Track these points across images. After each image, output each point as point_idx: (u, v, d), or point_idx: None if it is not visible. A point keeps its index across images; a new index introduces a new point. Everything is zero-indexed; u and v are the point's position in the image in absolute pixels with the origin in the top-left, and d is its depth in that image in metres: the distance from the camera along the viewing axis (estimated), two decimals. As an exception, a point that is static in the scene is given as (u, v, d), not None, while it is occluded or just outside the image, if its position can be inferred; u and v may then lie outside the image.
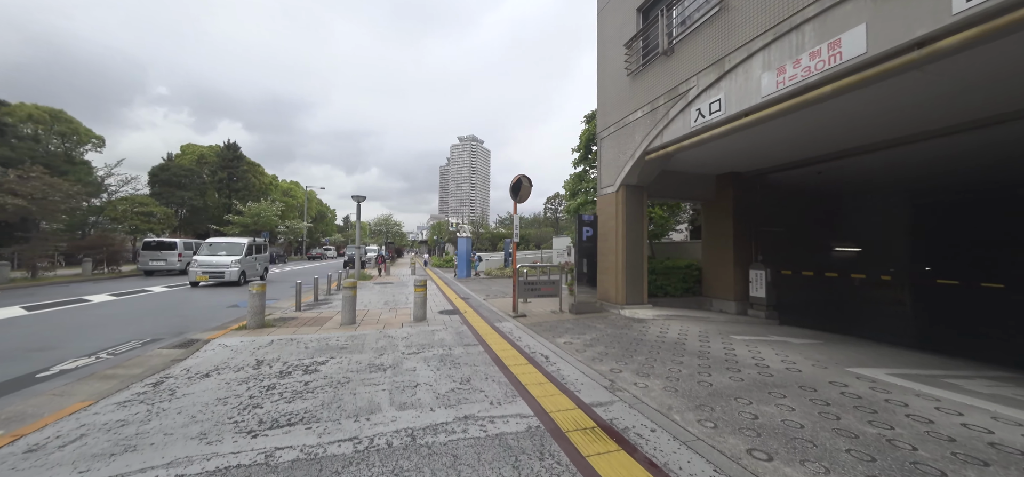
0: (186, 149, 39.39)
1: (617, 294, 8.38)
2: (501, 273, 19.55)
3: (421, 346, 5.33)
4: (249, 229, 34.42)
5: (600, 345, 5.50)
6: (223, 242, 14.82)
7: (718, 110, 5.58)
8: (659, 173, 8.45)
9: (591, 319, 7.57)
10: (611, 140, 8.91)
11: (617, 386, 3.84)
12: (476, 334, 6.16)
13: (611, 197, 8.73)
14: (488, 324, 7.02)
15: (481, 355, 4.95)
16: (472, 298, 10.69)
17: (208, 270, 13.11)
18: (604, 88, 9.32)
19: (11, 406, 3.37)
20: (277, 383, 3.82)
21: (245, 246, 14.47)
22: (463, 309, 8.65)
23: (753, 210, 9.19)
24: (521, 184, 8.78)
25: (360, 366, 4.41)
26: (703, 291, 9.84)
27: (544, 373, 4.24)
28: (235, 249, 14.23)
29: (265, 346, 5.23)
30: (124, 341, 5.74)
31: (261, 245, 16.79)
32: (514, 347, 5.39)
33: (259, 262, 15.99)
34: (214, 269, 13.19)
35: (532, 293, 8.39)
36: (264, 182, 44.71)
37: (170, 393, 3.58)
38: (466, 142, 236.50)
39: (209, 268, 13.17)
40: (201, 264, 13.22)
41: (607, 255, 8.73)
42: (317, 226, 58.43)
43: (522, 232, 40.00)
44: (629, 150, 8.10)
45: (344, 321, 6.71)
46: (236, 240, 14.87)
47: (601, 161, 9.42)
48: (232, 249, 14.23)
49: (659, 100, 7.05)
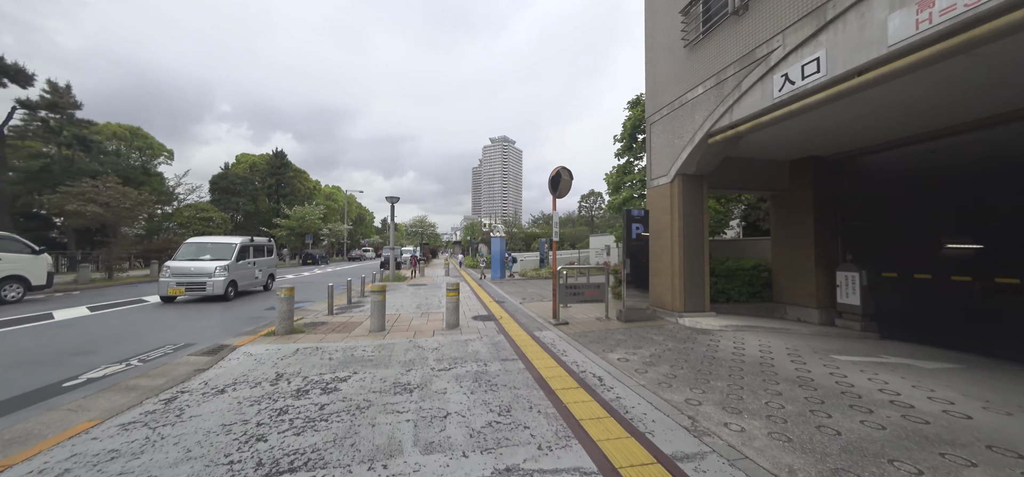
0: (240, 158, 42.47)
1: (673, 300, 7.31)
2: (536, 274, 18.77)
3: (453, 360, 4.71)
4: (295, 232, 36.36)
5: (663, 364, 4.57)
6: (208, 242, 11.40)
7: (815, 73, 4.43)
8: (721, 160, 7.27)
9: (645, 329, 6.59)
10: (663, 124, 7.84)
11: (702, 427, 2.95)
12: (514, 345, 5.45)
13: (664, 189, 7.67)
14: (527, 333, 6.30)
15: (521, 374, 4.22)
16: (507, 301, 10.02)
17: (184, 280, 9.76)
18: (654, 65, 8.25)
19: (21, 423, 3.13)
20: (290, 406, 3.33)
21: (237, 247, 11.06)
22: (498, 314, 7.99)
23: (840, 201, 7.71)
24: (560, 177, 7.97)
25: (384, 385, 3.85)
26: (774, 296, 8.45)
27: (601, 403, 3.43)
28: (223, 251, 10.89)
29: (289, 356, 4.86)
30: (160, 346, 5.66)
31: (263, 246, 13.09)
32: (559, 363, 4.62)
33: (261, 268, 12.45)
34: (192, 279, 9.84)
35: (574, 298, 7.55)
36: (308, 187, 47.21)
37: (178, 414, 3.19)
38: (498, 143, 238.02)
39: (186, 277, 9.80)
40: (175, 272, 9.84)
41: (661, 255, 7.68)
42: (357, 228, 60.93)
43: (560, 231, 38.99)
44: (686, 134, 7.01)
45: (373, 328, 6.28)
46: (225, 239, 11.52)
47: (651, 149, 8.36)
48: (219, 251, 10.89)
49: (727, 71, 5.94)
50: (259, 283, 12.44)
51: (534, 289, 13.22)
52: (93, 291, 12.94)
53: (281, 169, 42.88)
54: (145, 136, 32.77)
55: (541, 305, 9.39)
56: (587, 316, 7.77)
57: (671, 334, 6.16)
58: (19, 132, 24.04)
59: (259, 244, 12.87)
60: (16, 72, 21.63)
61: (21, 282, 10.23)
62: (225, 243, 11.25)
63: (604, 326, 6.87)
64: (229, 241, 11.31)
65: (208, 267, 10.17)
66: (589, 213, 53.37)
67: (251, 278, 11.83)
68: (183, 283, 9.82)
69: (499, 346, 5.43)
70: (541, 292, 12.21)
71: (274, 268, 14.00)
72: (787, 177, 8.24)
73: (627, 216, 7.49)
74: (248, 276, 11.62)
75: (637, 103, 11.22)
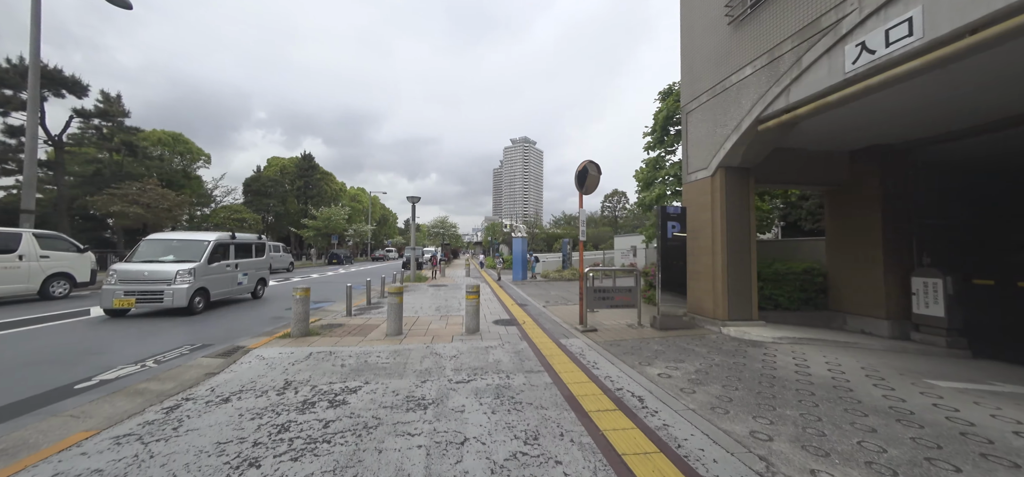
0: (271, 162, 44.28)
1: (715, 307, 6.59)
2: (559, 275, 18.17)
3: (473, 371, 4.29)
4: (322, 232, 37.43)
5: (713, 383, 3.95)
6: (174, 238, 9.06)
7: (905, 37, 3.68)
8: (770, 151, 6.48)
9: (684, 338, 5.93)
10: (702, 112, 7.12)
11: (779, 473, 2.36)
12: (539, 355, 4.97)
13: (704, 184, 6.95)
14: (552, 340, 5.80)
15: (549, 390, 3.73)
16: (530, 305, 9.54)
17: (135, 288, 7.47)
18: (691, 48, 7.54)
19: (20, 430, 2.96)
20: (292, 422, 3.01)
21: (209, 245, 8.65)
22: (521, 319, 7.53)
23: (914, 196, 6.71)
24: (587, 173, 7.41)
25: (396, 399, 3.47)
26: (830, 304, 7.51)
27: (646, 432, 2.89)
28: (191, 250, 8.56)
29: (301, 361, 4.61)
30: (177, 346, 5.58)
31: (250, 244, 10.59)
32: (590, 377, 4.10)
33: (247, 271, 10.05)
34: (146, 286, 7.52)
35: (603, 303, 6.96)
36: (334, 188, 48.62)
37: (175, 427, 2.94)
38: (519, 144, 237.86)
39: (137, 284, 7.51)
40: (124, 277, 7.57)
41: (700, 257, 6.96)
42: (380, 229, 62.28)
43: (577, 232, 38.12)
44: (731, 121, 6.28)
45: (389, 332, 5.97)
46: (195, 236, 9.07)
47: (687, 140, 7.64)
48: (186, 250, 8.56)
49: (783, 46, 5.20)
50: (243, 290, 10.04)
51: (557, 291, 12.67)
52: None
53: (309, 171, 44.35)
54: (186, 142, 34.68)
55: (566, 309, 8.85)
56: (617, 322, 7.17)
57: (715, 346, 5.48)
58: (76, 139, 25.96)
59: (244, 242, 10.24)
60: (73, 83, 23.34)
61: (67, 279, 10.77)
62: (195, 240, 8.84)
63: (637, 334, 6.26)
64: (200, 238, 8.93)
65: (166, 271, 7.73)
66: (612, 213, 51.97)
67: (230, 284, 9.41)
68: (134, 292, 7.43)
69: (523, 355, 4.96)
70: (565, 295, 11.65)
71: (266, 271, 11.46)
72: (846, 169, 7.29)
73: (661, 214, 6.83)
74: (226, 282, 9.23)
75: (669, 93, 10.46)
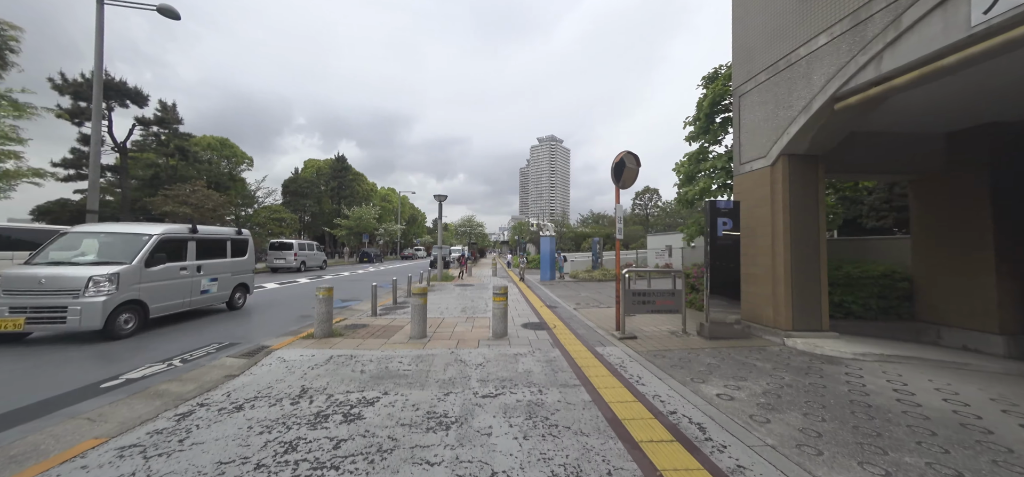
0: (308, 164, 46.37)
1: (776, 314, 5.75)
2: (589, 276, 17.41)
3: (500, 383, 3.84)
4: (353, 231, 38.67)
5: (791, 409, 3.26)
6: (102, 232, 6.70)
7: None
8: (846, 135, 5.55)
9: (739, 350, 5.18)
10: (760, 94, 6.26)
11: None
12: (573, 365, 4.45)
13: (761, 175, 6.10)
14: (587, 348, 5.25)
15: (589, 410, 3.22)
16: (560, 307, 9.00)
17: (25, 303, 5.32)
18: (745, 21, 6.68)
19: (37, 433, 2.86)
20: (301, 439, 2.69)
21: (147, 243, 6.41)
22: (551, 322, 7.01)
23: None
24: (624, 165, 6.78)
25: (416, 415, 3.09)
26: (918, 313, 6.40)
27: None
28: (119, 248, 6.35)
29: (321, 365, 4.37)
30: (205, 345, 5.57)
31: (222, 241, 8.18)
32: (636, 396, 3.53)
33: (217, 276, 7.79)
34: (41, 300, 5.36)
35: (643, 307, 6.28)
36: (366, 189, 50.17)
37: (181, 439, 2.71)
38: (545, 142, 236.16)
39: (27, 297, 5.36)
40: (11, 286, 5.43)
41: (756, 257, 6.13)
42: (410, 228, 63.71)
43: (606, 230, 36.72)
44: (797, 101, 5.42)
45: (413, 334, 5.67)
46: (130, 228, 6.87)
47: (739, 127, 6.79)
48: (113, 248, 6.37)
49: (873, 4, 4.32)
50: (211, 299, 7.63)
51: (588, 293, 12.00)
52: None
53: (342, 172, 46.00)
54: (232, 146, 36.98)
55: (598, 312, 8.22)
56: (657, 329, 6.48)
57: (781, 361, 4.70)
58: (139, 146, 28.33)
59: (211, 238, 7.76)
60: (136, 94, 25.47)
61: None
62: (130, 234, 6.59)
63: (683, 344, 5.56)
64: (138, 230, 6.68)
65: (73, 277, 5.50)
66: (644, 211, 49.95)
67: (186, 293, 7.01)
68: (23, 308, 5.25)
69: (555, 365, 4.46)
70: (596, 297, 10.98)
71: (249, 275, 8.84)
72: (941, 154, 6.16)
73: (711, 209, 6.06)
74: (178, 290, 6.85)
75: (715, 77, 9.51)
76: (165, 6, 11.16)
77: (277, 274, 19.22)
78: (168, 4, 11.27)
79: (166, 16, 11.64)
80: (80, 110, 22.68)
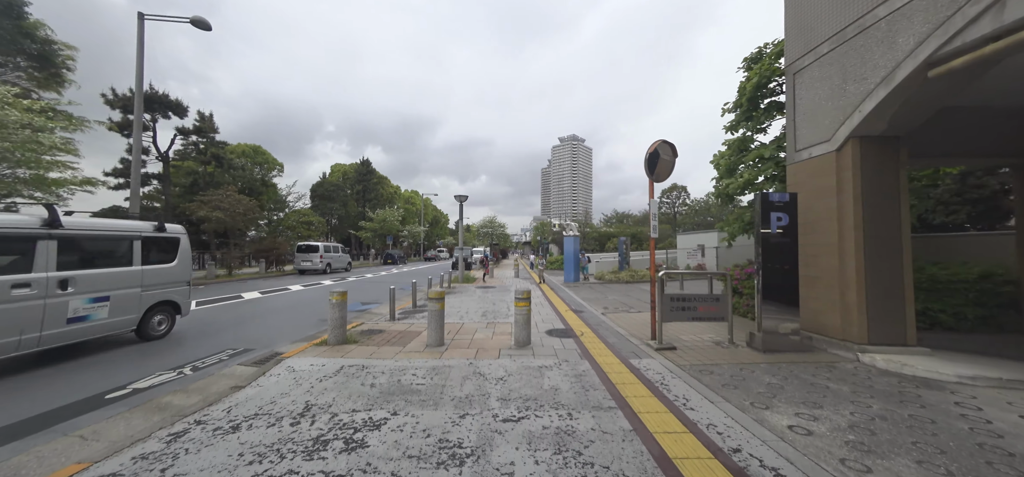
0: (334, 168, 47.74)
1: (845, 324, 4.90)
2: (615, 277, 16.57)
3: (524, 403, 3.34)
4: (378, 233, 39.37)
5: (896, 454, 2.56)
6: None
7: None
8: (936, 110, 4.63)
9: (802, 367, 4.41)
10: (821, 68, 5.42)
11: None
12: (607, 381, 3.88)
13: (824, 162, 5.26)
14: (620, 360, 4.64)
15: (630, 443, 2.65)
16: (586, 311, 8.37)
17: None
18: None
19: (23, 453, 2.64)
20: (292, 474, 2.30)
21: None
22: (578, 329, 6.43)
23: None
24: (658, 156, 6.14)
25: (427, 444, 2.64)
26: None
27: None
28: None
29: (329, 377, 4.03)
30: (219, 351, 5.41)
31: (129, 239, 5.56)
32: (685, 425, 2.92)
33: (108, 293, 5.15)
34: None
35: (683, 314, 5.56)
36: (389, 191, 51.08)
37: (165, 466, 2.40)
38: (567, 142, 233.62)
39: None
40: None
41: (818, 257, 5.29)
42: (432, 230, 64.39)
43: (631, 229, 35.31)
44: (875, 72, 4.58)
45: (430, 343, 5.26)
46: None
47: (794, 109, 5.94)
48: None
49: (980, -55, 3.48)
50: (101, 327, 5.11)
51: (616, 296, 11.27)
52: (213, 286, 14.81)
53: (367, 176, 47.03)
54: (264, 153, 38.60)
55: (629, 318, 7.54)
56: (698, 338, 5.75)
57: (861, 382, 3.91)
58: (181, 155, 30.05)
59: (94, 235, 5.22)
60: (176, 105, 26.98)
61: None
62: None
63: (731, 357, 4.84)
64: None
65: None
66: (672, 210, 47.96)
67: (34, 324, 4.43)
68: None
69: (585, 380, 3.90)
70: (625, 300, 10.24)
71: (181, 288, 6.24)
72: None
73: (762, 202, 5.28)
74: (18, 321, 4.31)
75: (758, 58, 8.58)
76: (198, 18, 11.51)
77: (304, 276, 19.63)
78: (200, 17, 11.63)
79: (199, 27, 11.98)
80: (129, 123, 24.21)
